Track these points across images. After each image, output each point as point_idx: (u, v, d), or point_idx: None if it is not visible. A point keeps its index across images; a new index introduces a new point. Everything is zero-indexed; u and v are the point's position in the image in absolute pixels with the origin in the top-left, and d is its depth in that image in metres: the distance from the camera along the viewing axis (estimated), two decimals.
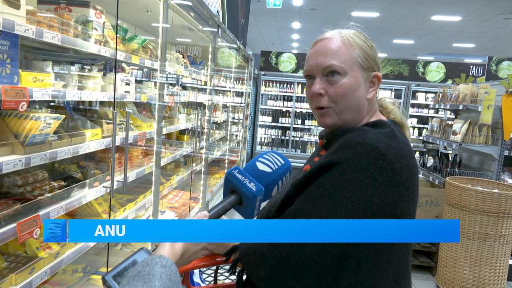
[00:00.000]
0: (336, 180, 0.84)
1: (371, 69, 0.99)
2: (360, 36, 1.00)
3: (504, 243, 3.10)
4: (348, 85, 0.94)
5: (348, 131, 0.95)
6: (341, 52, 0.95)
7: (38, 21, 1.48)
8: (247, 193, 0.92)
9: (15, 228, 1.42)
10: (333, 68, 0.94)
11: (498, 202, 3.00)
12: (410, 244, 0.95)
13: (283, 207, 0.92)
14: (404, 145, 0.91)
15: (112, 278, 0.77)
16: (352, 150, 0.86)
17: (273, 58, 8.13)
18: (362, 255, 0.81)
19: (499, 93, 3.53)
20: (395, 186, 0.84)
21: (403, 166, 0.86)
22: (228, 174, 0.95)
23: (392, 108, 1.05)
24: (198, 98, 3.98)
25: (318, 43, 1.00)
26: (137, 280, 0.66)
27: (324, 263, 0.80)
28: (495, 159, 3.63)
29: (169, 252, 0.78)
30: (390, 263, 0.86)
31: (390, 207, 0.83)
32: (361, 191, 0.82)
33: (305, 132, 8.00)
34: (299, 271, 0.81)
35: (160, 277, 0.67)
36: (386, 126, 0.94)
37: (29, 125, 1.50)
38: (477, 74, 7.83)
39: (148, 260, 0.71)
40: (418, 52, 13.73)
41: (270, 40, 13.89)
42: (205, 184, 4.08)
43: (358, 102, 0.97)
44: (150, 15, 2.94)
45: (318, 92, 0.96)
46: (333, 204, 0.82)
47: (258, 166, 0.98)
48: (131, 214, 2.44)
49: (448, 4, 7.83)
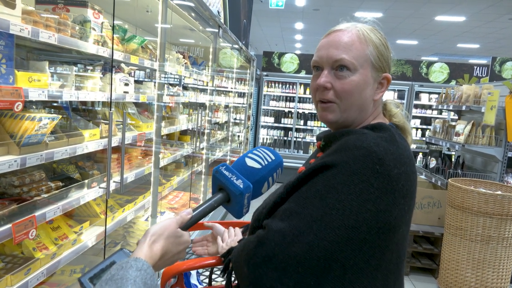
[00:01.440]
0: (329, 182, 0.82)
1: (382, 69, 0.95)
2: (376, 33, 0.96)
3: (507, 246, 3.06)
4: (356, 83, 0.91)
5: (347, 133, 0.91)
6: (355, 47, 0.91)
7: (34, 21, 1.47)
8: (234, 190, 0.89)
9: (11, 229, 1.42)
10: (343, 63, 0.90)
11: (501, 204, 2.97)
12: (404, 252, 0.92)
13: (274, 209, 0.89)
14: (404, 150, 0.88)
15: (88, 280, 0.75)
16: (349, 153, 0.83)
17: (275, 59, 8.12)
18: (348, 260, 0.79)
19: (503, 93, 3.49)
20: (390, 192, 0.81)
21: (401, 173, 0.83)
22: (215, 171, 0.92)
23: (396, 112, 1.01)
24: (199, 98, 3.97)
25: (331, 34, 0.95)
26: (110, 285, 0.64)
27: (309, 265, 0.78)
28: (498, 160, 3.59)
29: (146, 254, 0.75)
30: (378, 270, 0.84)
31: (384, 214, 0.80)
32: (354, 195, 0.79)
33: (307, 133, 7.97)
34: (283, 272, 0.78)
35: (134, 282, 0.64)
36: (387, 130, 0.90)
37: (25, 126, 1.49)
38: (481, 74, 7.77)
39: (123, 263, 0.69)
40: (422, 53, 13.66)
41: (273, 41, 13.89)
42: (206, 185, 4.08)
43: (363, 102, 0.93)
44: (150, 15, 2.94)
45: (323, 85, 0.92)
46: (323, 206, 0.80)
47: (247, 162, 0.94)
48: (130, 215, 2.43)
49: (452, 4, 7.78)
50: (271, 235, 0.82)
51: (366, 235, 0.80)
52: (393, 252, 0.86)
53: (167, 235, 0.80)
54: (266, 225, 0.85)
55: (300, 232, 0.79)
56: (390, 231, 0.83)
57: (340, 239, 0.78)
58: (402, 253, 0.91)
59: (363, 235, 0.79)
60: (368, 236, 0.80)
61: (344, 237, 0.78)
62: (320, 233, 0.78)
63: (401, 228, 0.85)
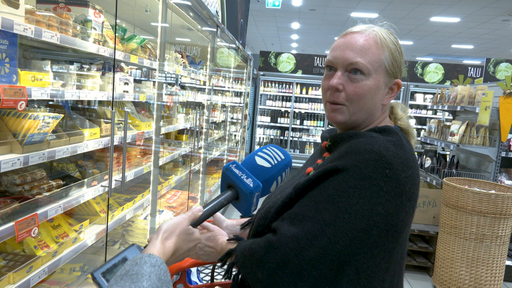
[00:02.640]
0: (340, 186, 0.82)
1: (395, 75, 0.95)
2: (392, 38, 0.96)
3: (501, 244, 3.11)
4: (368, 87, 0.91)
5: (355, 135, 0.91)
6: (371, 51, 0.91)
7: (37, 20, 1.48)
8: (244, 189, 0.89)
9: (13, 227, 1.43)
10: (358, 66, 0.90)
11: (495, 203, 3.02)
12: (405, 252, 0.94)
13: (283, 209, 0.89)
14: (410, 154, 0.89)
15: (101, 275, 0.76)
16: (359, 157, 0.84)
17: (272, 58, 8.14)
18: (362, 264, 0.80)
19: (497, 94, 3.55)
20: (398, 196, 0.82)
21: (408, 177, 0.85)
22: (225, 169, 0.92)
23: (402, 116, 1.02)
24: (197, 98, 3.99)
25: (348, 35, 0.94)
26: (125, 280, 0.64)
27: (323, 269, 0.79)
28: (492, 160, 3.65)
29: (159, 251, 0.76)
30: (387, 272, 0.86)
31: (392, 217, 0.82)
32: (365, 199, 0.80)
33: (303, 133, 8.01)
34: (297, 276, 0.79)
35: (149, 277, 0.65)
36: (394, 133, 0.91)
37: (28, 124, 1.50)
38: (475, 75, 7.86)
39: (137, 259, 0.69)
40: (417, 53, 13.76)
41: (269, 40, 13.90)
42: (204, 184, 4.09)
43: (373, 106, 0.94)
44: (149, 14, 2.95)
45: (336, 86, 0.91)
46: (336, 210, 0.81)
47: (257, 161, 0.94)
48: (129, 213, 2.44)
49: (447, 6, 7.85)
50: (285, 240, 0.82)
51: (377, 238, 0.81)
52: (398, 253, 0.88)
53: (179, 232, 0.81)
54: (277, 229, 0.85)
55: (313, 237, 0.80)
56: (396, 233, 0.84)
57: (353, 242, 0.79)
58: (404, 254, 0.93)
59: (374, 238, 0.81)
60: (378, 239, 0.81)
61: (357, 240, 0.79)
62: (334, 237, 0.79)
63: (405, 229, 0.88)
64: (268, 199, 1.01)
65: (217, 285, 1.22)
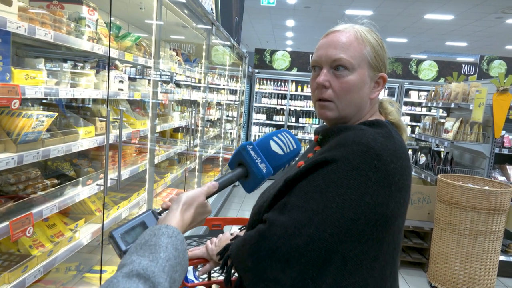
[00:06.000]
0: (329, 177, 0.84)
1: (379, 69, 0.98)
2: (373, 34, 0.99)
3: (495, 239, 3.15)
4: (354, 82, 0.94)
5: (345, 129, 0.94)
6: (352, 47, 0.94)
7: (30, 18, 1.47)
8: (257, 173, 0.92)
9: (8, 226, 1.42)
10: (341, 62, 0.94)
11: (489, 199, 3.05)
12: (399, 244, 0.96)
13: (274, 202, 0.92)
14: (400, 146, 0.91)
15: (120, 235, 0.77)
16: (348, 148, 0.86)
17: (267, 56, 8.14)
18: (348, 252, 0.83)
19: (490, 91, 3.57)
20: (387, 186, 0.84)
21: (397, 167, 0.86)
22: (242, 148, 0.94)
23: (392, 110, 1.05)
24: (192, 95, 3.97)
25: (330, 35, 0.99)
26: (144, 250, 0.69)
27: (311, 257, 0.81)
28: (486, 156, 3.68)
29: (178, 222, 0.80)
30: (376, 261, 0.87)
31: (381, 207, 0.84)
32: (353, 189, 0.82)
33: (299, 130, 8.02)
34: (286, 263, 0.81)
35: (166, 248, 0.70)
36: (383, 126, 0.94)
37: (22, 123, 1.49)
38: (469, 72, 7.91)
39: (156, 230, 0.74)
40: (411, 51, 13.82)
41: (264, 38, 13.88)
42: (199, 182, 4.09)
43: (361, 101, 0.97)
44: (143, 12, 2.93)
45: (322, 83, 0.95)
46: (324, 199, 0.83)
47: (272, 146, 0.96)
48: (125, 212, 2.43)
49: (441, 3, 7.89)
50: (273, 229, 0.84)
51: (365, 227, 0.83)
52: (390, 243, 0.90)
53: (196, 205, 0.85)
54: (267, 219, 0.88)
55: (301, 225, 0.82)
56: (386, 223, 0.86)
57: (340, 231, 0.81)
58: (397, 245, 0.94)
59: (361, 227, 0.82)
60: (366, 228, 0.83)
61: (344, 229, 0.81)
62: (321, 226, 0.81)
63: (397, 220, 0.89)
64: (262, 195, 1.03)
65: (214, 283, 1.22)
